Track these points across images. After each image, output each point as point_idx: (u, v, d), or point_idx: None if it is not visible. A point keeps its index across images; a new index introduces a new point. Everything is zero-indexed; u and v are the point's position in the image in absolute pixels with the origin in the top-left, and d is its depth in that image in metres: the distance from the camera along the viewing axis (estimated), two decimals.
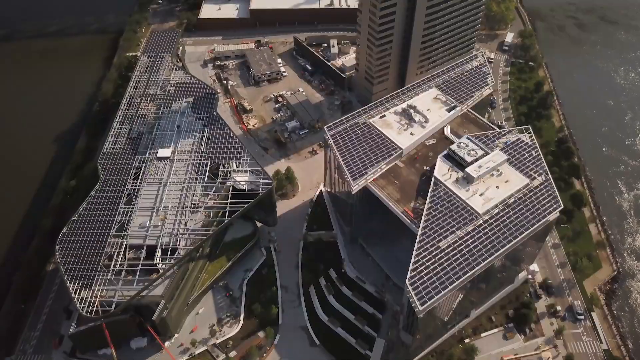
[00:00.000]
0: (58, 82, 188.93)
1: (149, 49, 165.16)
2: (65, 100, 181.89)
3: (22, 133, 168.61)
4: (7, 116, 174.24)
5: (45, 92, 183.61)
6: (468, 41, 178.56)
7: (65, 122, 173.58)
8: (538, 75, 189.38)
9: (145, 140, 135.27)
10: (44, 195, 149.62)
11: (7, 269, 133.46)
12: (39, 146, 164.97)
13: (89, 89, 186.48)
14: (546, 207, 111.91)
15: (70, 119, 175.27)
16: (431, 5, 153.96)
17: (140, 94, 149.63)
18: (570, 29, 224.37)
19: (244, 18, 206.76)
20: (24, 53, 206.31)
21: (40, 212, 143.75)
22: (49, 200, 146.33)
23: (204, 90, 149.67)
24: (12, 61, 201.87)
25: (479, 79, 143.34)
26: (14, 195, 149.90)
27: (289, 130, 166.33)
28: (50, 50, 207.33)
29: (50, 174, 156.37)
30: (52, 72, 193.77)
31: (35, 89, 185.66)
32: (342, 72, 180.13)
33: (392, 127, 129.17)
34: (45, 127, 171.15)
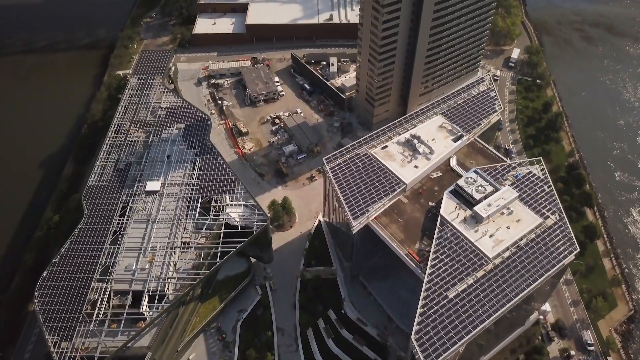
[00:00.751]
0: (45, 101, 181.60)
1: (139, 70, 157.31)
2: (52, 121, 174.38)
3: (7, 157, 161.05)
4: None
5: (32, 113, 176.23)
6: (474, 58, 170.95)
7: (52, 146, 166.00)
8: (546, 94, 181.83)
9: (134, 171, 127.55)
10: (28, 226, 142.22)
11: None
12: (24, 172, 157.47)
13: (77, 109, 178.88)
14: (561, 249, 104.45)
15: (57, 142, 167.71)
16: (436, 19, 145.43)
17: (129, 120, 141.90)
18: (578, 43, 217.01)
19: (240, 33, 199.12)
20: (10, 69, 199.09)
21: (23, 246, 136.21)
22: (33, 232, 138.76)
23: (197, 116, 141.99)
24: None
25: (486, 105, 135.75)
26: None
27: (286, 155, 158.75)
28: (38, 66, 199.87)
29: (35, 203, 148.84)
30: (40, 90, 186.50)
31: (21, 108, 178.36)
32: (342, 92, 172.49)
33: (394, 159, 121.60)
34: (31, 151, 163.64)
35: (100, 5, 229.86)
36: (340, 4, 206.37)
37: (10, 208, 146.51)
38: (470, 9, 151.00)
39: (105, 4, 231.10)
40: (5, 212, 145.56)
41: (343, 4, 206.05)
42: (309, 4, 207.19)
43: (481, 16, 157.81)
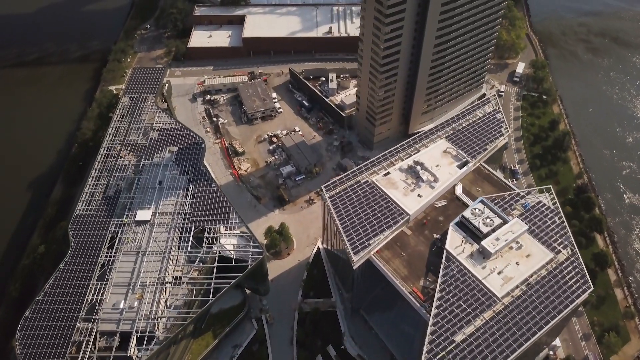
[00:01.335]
0: (35, 117, 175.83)
1: (131, 88, 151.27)
2: (42, 139, 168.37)
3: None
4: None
5: (21, 129, 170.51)
6: (479, 74, 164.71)
7: (41, 166, 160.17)
8: (552, 111, 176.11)
9: (123, 199, 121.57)
10: (14, 253, 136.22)
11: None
12: (11, 193, 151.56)
13: (68, 126, 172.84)
14: (574, 288, 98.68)
15: (46, 161, 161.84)
16: (441, 32, 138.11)
17: (120, 142, 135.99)
18: (583, 54, 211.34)
19: (237, 47, 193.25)
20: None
21: (8, 274, 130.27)
22: (18, 260, 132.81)
23: (190, 139, 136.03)
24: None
25: (492, 128, 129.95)
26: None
27: (284, 176, 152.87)
28: (28, 80, 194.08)
29: (22, 227, 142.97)
30: (29, 105, 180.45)
31: (9, 124, 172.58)
32: (342, 110, 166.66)
33: (397, 187, 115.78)
34: (19, 170, 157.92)
35: (94, 16, 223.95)
36: (339, 16, 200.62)
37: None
38: (476, 19, 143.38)
39: (99, 15, 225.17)
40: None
41: (343, 17, 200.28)
42: (308, 16, 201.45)
43: (487, 29, 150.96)
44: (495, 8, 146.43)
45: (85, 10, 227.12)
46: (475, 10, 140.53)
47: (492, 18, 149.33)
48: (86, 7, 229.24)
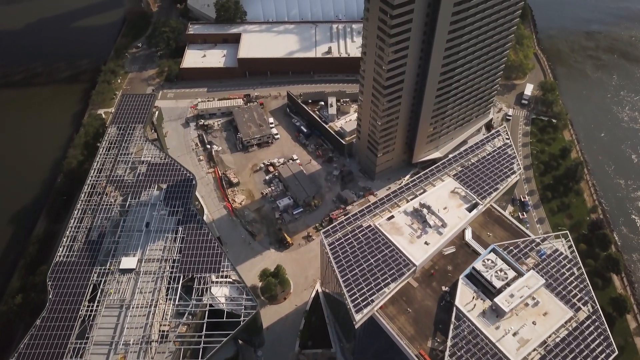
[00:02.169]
0: (19, 143, 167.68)
1: (119, 117, 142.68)
2: (26, 167, 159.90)
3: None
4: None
5: (4, 156, 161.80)
6: (487, 96, 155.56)
7: (24, 198, 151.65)
8: (563, 137, 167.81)
9: (107, 244, 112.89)
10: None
11: None
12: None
13: (54, 152, 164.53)
14: (596, 352, 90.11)
15: (30, 192, 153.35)
16: (449, 54, 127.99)
17: (106, 177, 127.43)
18: (592, 73, 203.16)
19: (232, 67, 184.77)
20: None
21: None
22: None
23: (180, 175, 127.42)
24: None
25: (503, 165, 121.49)
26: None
27: (280, 210, 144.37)
28: (12, 102, 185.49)
29: (0, 269, 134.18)
30: (14, 130, 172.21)
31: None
32: (342, 137, 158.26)
33: (402, 234, 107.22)
34: (0, 202, 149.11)
35: (84, 33, 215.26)
36: (339, 34, 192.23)
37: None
38: (487, 37, 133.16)
39: (89, 32, 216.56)
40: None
41: (342, 35, 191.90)
42: (306, 34, 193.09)
43: (498, 47, 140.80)
44: (507, 25, 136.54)
45: (75, 27, 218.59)
46: (485, 28, 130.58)
47: (504, 35, 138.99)
48: (76, 23, 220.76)
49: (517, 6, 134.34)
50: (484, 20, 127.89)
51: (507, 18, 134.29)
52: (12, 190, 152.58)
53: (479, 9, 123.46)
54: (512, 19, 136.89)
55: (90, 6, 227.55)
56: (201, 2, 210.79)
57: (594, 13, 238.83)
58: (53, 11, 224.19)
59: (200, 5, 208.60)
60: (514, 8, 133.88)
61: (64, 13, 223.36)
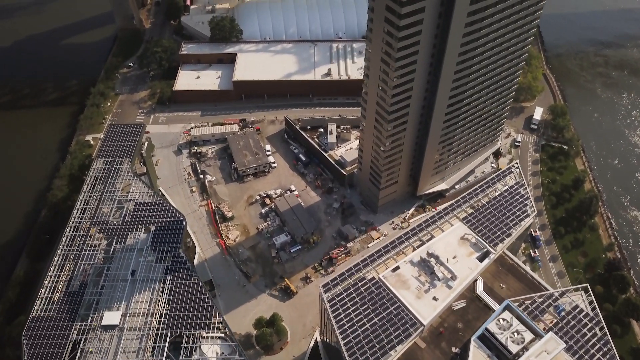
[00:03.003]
0: (3, 171, 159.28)
1: (105, 150, 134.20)
2: (8, 199, 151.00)
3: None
4: None
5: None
6: (497, 122, 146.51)
7: (6, 232, 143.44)
8: (575, 165, 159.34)
9: (89, 296, 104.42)
10: None
11: None
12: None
13: (39, 183, 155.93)
14: None
15: (12, 227, 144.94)
16: (459, 76, 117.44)
17: (90, 218, 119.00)
18: (603, 92, 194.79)
19: (227, 90, 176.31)
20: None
21: None
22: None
23: (169, 216, 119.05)
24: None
25: (516, 207, 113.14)
26: None
27: (277, 247, 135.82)
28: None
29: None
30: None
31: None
32: (342, 167, 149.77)
33: (408, 287, 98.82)
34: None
35: (74, 52, 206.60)
36: (339, 54, 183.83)
37: None
38: (499, 57, 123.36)
39: (79, 50, 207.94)
40: None
41: (343, 55, 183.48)
42: (305, 54, 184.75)
43: (511, 67, 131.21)
44: (520, 45, 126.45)
45: (65, 45, 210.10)
46: (498, 49, 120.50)
47: (517, 55, 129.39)
48: (66, 40, 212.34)
49: (532, 24, 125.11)
50: (496, 41, 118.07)
51: (521, 37, 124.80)
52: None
53: (492, 29, 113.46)
54: (526, 37, 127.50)
55: (81, 22, 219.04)
56: (195, 19, 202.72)
57: (602, 28, 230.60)
58: (42, 28, 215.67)
59: (194, 22, 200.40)
60: (529, 27, 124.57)
61: (53, 30, 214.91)
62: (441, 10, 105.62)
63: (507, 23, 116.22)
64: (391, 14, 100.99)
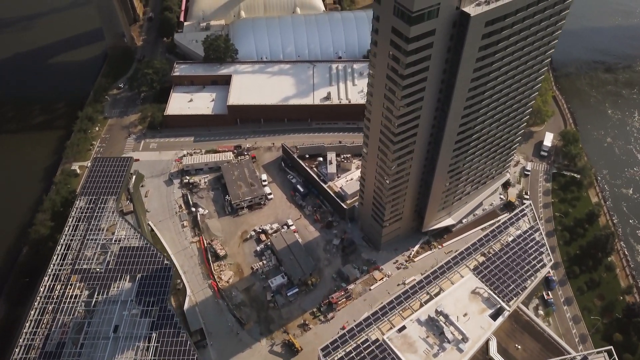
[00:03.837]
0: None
1: (89, 186, 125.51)
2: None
3: None
4: None
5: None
6: (509, 149, 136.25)
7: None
8: (588, 197, 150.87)
9: (67, 357, 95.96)
10: None
11: None
12: None
13: (21, 216, 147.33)
14: None
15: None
16: (471, 103, 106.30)
17: (71, 265, 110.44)
18: (613, 111, 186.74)
19: (221, 115, 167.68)
20: None
21: None
22: None
23: (156, 263, 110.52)
24: None
25: (530, 255, 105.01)
26: None
27: (273, 290, 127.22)
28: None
29: None
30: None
31: None
32: (342, 200, 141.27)
33: (415, 351, 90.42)
34: None
35: (62, 71, 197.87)
36: (339, 76, 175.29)
37: None
38: (514, 81, 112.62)
39: (68, 69, 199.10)
40: None
41: (343, 77, 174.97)
42: (303, 76, 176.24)
43: (525, 92, 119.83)
44: (534, 75, 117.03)
45: (52, 64, 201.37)
46: (511, 81, 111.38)
47: (530, 87, 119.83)
48: (54, 58, 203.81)
49: (546, 55, 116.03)
50: (509, 74, 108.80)
51: (535, 69, 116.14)
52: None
53: (504, 62, 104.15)
54: (540, 68, 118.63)
55: (70, 39, 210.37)
56: (189, 36, 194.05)
57: (610, 43, 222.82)
58: (29, 45, 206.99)
59: (187, 41, 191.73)
60: (543, 57, 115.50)
61: (41, 47, 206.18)
62: (450, 45, 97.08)
63: (520, 55, 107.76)
64: (397, 50, 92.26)
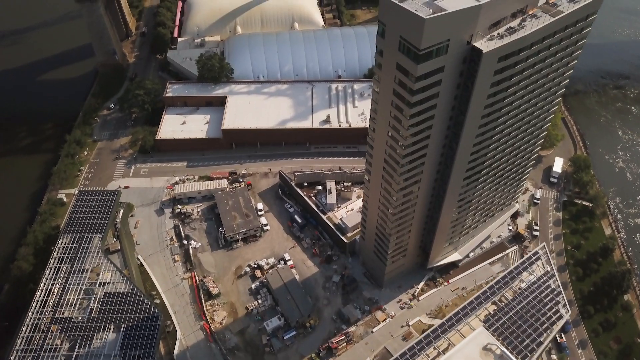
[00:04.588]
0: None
1: (73, 223, 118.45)
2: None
3: None
4: None
5: None
6: (520, 177, 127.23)
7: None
8: (601, 227, 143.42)
9: None
10: None
11: None
12: None
13: (4, 249, 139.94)
14: None
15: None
16: (484, 130, 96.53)
17: (51, 311, 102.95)
18: (624, 132, 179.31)
19: (216, 138, 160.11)
20: None
21: None
22: None
23: (143, 311, 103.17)
24: None
25: (546, 306, 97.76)
26: None
27: (268, 333, 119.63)
28: None
29: None
30: None
31: None
32: (342, 233, 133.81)
33: None
34: None
35: (50, 89, 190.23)
36: (339, 97, 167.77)
37: None
38: (530, 105, 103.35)
39: (57, 87, 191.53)
40: None
41: (343, 98, 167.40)
42: (302, 97, 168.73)
43: (541, 115, 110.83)
44: (547, 107, 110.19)
45: (40, 81, 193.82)
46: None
47: (546, 110, 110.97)
48: (43, 75, 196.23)
49: (561, 86, 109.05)
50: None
51: (548, 100, 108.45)
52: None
53: (520, 87, 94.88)
54: (554, 99, 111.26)
55: (60, 55, 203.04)
56: (182, 54, 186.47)
57: (618, 58, 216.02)
58: (18, 61, 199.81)
59: (180, 59, 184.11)
60: (557, 89, 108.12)
61: (29, 64, 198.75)
62: (460, 82, 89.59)
63: (534, 88, 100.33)
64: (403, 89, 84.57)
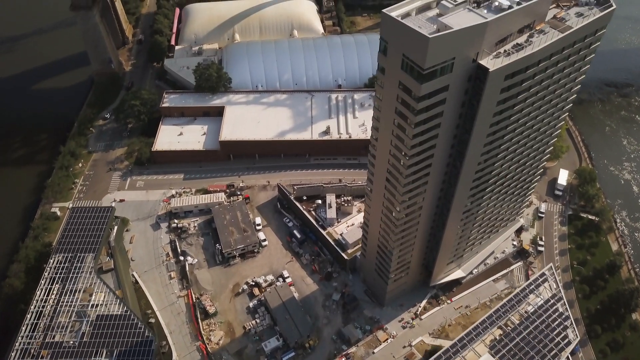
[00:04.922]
0: None
1: (65, 242, 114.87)
2: None
3: None
4: None
5: None
6: (526, 190, 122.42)
7: None
8: (608, 242, 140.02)
9: None
10: None
11: None
12: None
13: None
14: None
15: None
16: (491, 139, 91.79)
17: (40, 338, 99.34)
18: (629, 142, 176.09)
19: (213, 150, 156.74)
20: None
21: None
22: None
23: (136, 335, 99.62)
24: None
25: (553, 331, 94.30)
26: None
27: (267, 354, 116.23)
28: None
29: None
30: None
31: None
32: (343, 250, 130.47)
33: None
34: None
35: (45, 98, 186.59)
36: (339, 107, 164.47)
37: None
38: (537, 122, 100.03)
39: (51, 96, 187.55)
40: None
41: (343, 108, 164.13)
42: (301, 107, 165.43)
43: (551, 122, 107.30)
44: (554, 122, 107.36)
45: (35, 91, 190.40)
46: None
47: (552, 125, 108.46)
48: (37, 84, 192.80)
49: (568, 101, 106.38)
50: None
51: (555, 115, 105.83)
52: None
53: (527, 104, 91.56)
54: (561, 115, 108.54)
55: (55, 63, 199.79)
56: (180, 62, 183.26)
57: (622, 65, 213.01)
58: (12, 70, 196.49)
59: (178, 67, 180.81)
60: (564, 104, 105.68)
61: (24, 72, 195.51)
62: (465, 100, 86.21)
63: (540, 105, 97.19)
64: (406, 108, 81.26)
